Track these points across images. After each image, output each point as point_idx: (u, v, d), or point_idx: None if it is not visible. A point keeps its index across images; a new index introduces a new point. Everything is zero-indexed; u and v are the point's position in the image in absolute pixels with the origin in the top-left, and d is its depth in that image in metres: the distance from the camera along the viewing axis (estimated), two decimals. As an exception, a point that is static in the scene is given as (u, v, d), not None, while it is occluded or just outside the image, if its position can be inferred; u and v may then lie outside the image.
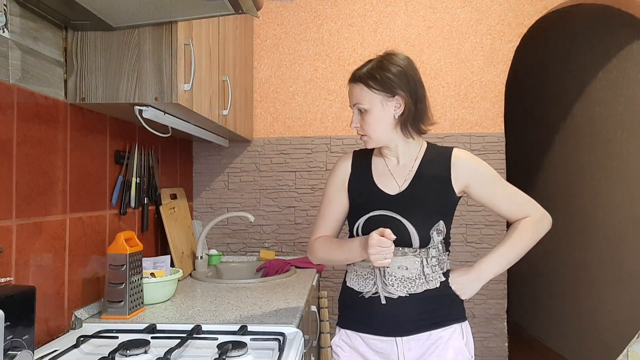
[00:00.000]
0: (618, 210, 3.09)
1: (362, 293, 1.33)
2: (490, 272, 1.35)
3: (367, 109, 1.30)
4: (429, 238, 1.29)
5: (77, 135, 1.42)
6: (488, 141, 2.52)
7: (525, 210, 1.37)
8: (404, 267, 1.29)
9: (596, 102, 3.38)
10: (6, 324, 0.90)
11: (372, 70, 1.31)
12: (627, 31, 2.99)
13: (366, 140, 1.34)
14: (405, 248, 1.29)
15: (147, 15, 1.23)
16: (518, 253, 1.35)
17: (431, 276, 1.30)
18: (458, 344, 1.31)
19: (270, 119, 2.61)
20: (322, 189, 2.56)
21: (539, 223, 1.36)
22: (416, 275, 1.29)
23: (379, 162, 1.40)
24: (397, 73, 1.29)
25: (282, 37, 2.60)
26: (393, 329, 1.29)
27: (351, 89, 1.35)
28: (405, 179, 1.34)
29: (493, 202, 1.37)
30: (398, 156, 1.37)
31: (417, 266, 1.29)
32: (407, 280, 1.28)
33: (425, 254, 1.29)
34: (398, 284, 1.29)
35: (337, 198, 1.42)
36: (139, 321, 1.43)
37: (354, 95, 1.33)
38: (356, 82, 1.33)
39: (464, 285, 1.33)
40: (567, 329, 3.75)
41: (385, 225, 1.28)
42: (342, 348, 1.38)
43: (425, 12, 2.57)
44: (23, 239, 1.17)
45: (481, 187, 1.35)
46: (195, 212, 2.60)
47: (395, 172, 1.36)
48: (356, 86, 1.33)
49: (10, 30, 1.14)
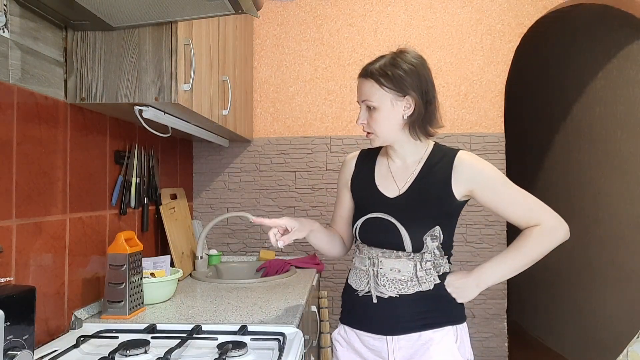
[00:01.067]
0: (618, 210, 3.09)
1: (357, 291, 1.34)
2: (490, 280, 1.30)
3: (376, 107, 1.27)
4: (422, 244, 1.27)
5: (77, 135, 1.42)
6: (488, 141, 2.52)
7: (536, 217, 1.26)
8: (396, 270, 1.28)
9: (596, 102, 3.38)
10: (6, 324, 0.90)
11: (384, 67, 1.26)
12: (627, 31, 2.99)
13: (372, 138, 1.32)
14: (399, 251, 1.28)
15: (147, 15, 1.23)
16: (522, 264, 1.27)
17: (424, 279, 1.28)
18: (449, 346, 1.28)
19: (270, 119, 2.61)
20: (322, 189, 2.57)
21: (551, 233, 1.25)
22: (408, 278, 1.28)
23: (383, 162, 1.39)
24: (410, 72, 1.25)
25: (282, 37, 2.60)
26: (384, 328, 1.30)
27: (361, 84, 1.30)
28: (406, 182, 1.32)
29: (500, 208, 1.29)
30: (403, 157, 1.35)
31: (409, 269, 1.28)
32: (398, 282, 1.28)
33: (419, 258, 1.28)
34: (389, 285, 1.29)
35: (342, 196, 1.45)
36: (139, 321, 1.43)
37: (363, 91, 1.29)
38: (367, 78, 1.28)
39: (460, 289, 1.30)
40: (567, 329, 3.75)
41: (380, 228, 1.30)
42: (339, 342, 1.40)
43: (425, 12, 2.57)
44: (23, 239, 1.17)
45: (486, 191, 1.28)
46: (195, 212, 2.60)
47: (397, 174, 1.35)
48: (367, 82, 1.29)
49: (10, 30, 1.14)
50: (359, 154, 1.45)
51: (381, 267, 1.30)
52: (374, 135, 1.31)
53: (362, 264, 1.35)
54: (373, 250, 1.32)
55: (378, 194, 1.34)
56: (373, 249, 1.32)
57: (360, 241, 1.36)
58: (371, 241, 1.33)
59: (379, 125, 1.29)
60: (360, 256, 1.37)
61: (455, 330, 1.31)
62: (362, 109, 1.31)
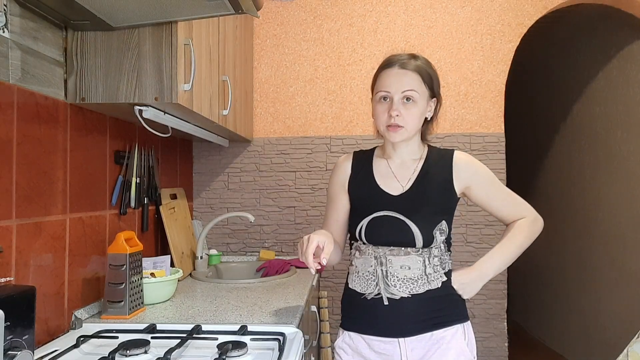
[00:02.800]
0: (618, 210, 3.09)
1: (364, 294, 1.32)
2: (491, 271, 1.36)
3: (415, 101, 1.28)
4: (433, 238, 1.29)
5: (77, 135, 1.42)
6: (488, 141, 2.52)
7: (520, 212, 1.39)
8: (406, 267, 1.28)
9: (596, 102, 3.38)
10: (6, 324, 0.90)
11: (425, 66, 1.31)
12: (627, 31, 2.99)
13: (401, 132, 1.29)
14: (408, 248, 1.29)
15: (147, 15, 1.23)
16: (516, 252, 1.37)
17: (433, 276, 1.29)
18: (460, 344, 1.30)
19: (270, 119, 2.61)
20: (322, 189, 2.56)
21: (533, 224, 1.38)
22: (418, 276, 1.28)
23: (381, 163, 1.39)
24: (436, 77, 1.34)
25: (282, 37, 2.60)
26: (396, 330, 1.29)
27: (402, 76, 1.28)
28: (409, 179, 1.34)
29: (491, 204, 1.39)
30: (403, 157, 1.37)
31: (419, 266, 1.29)
32: (409, 281, 1.28)
33: (427, 253, 1.29)
34: (400, 285, 1.28)
35: (338, 200, 1.42)
36: (139, 321, 1.43)
37: (405, 82, 1.28)
38: (412, 71, 1.29)
39: (465, 284, 1.33)
40: (567, 329, 3.75)
41: (388, 226, 1.29)
42: (344, 350, 1.37)
43: (425, 12, 2.57)
44: (23, 239, 1.17)
45: (481, 189, 1.36)
46: (195, 212, 2.60)
47: (398, 173, 1.36)
48: (412, 74, 1.28)
49: (10, 30, 1.14)
50: (354, 156, 1.43)
51: (390, 265, 1.29)
52: (403, 130, 1.29)
53: (367, 265, 1.32)
54: (380, 249, 1.31)
55: (381, 192, 1.34)
56: (379, 248, 1.31)
57: (364, 242, 1.34)
58: (378, 240, 1.31)
59: (413, 119, 1.29)
60: (362, 258, 1.34)
61: (463, 328, 1.33)
62: (396, 100, 1.28)
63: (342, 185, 1.41)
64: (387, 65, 1.31)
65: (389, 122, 1.28)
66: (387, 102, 1.30)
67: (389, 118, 1.28)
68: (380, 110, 1.31)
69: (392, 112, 1.27)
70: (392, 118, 1.27)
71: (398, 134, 1.29)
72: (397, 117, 1.27)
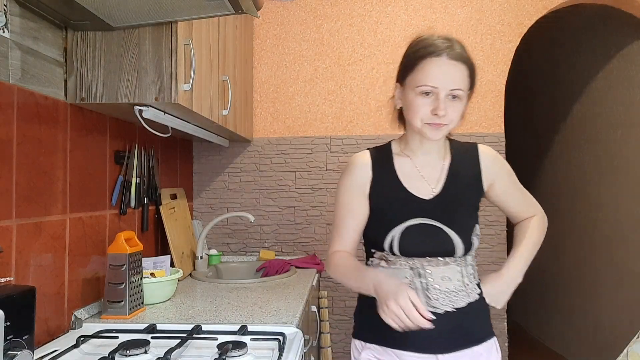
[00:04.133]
0: (618, 210, 3.09)
1: None
2: (519, 276, 1.27)
3: (461, 98, 1.14)
4: (471, 244, 1.19)
5: (77, 135, 1.42)
6: (488, 141, 2.52)
7: (531, 209, 1.33)
8: (447, 278, 1.16)
9: (596, 102, 3.38)
10: (6, 324, 0.89)
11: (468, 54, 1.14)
12: (627, 31, 2.99)
13: (443, 130, 1.15)
14: (446, 257, 1.17)
15: (147, 15, 1.23)
16: (534, 253, 1.30)
17: (470, 287, 1.20)
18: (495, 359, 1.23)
19: (270, 119, 2.61)
20: (322, 189, 2.56)
21: (544, 222, 1.34)
22: (458, 288, 1.17)
23: (404, 161, 1.24)
24: None
25: (282, 37, 2.60)
26: (435, 346, 1.16)
27: (451, 68, 1.11)
28: (438, 180, 1.22)
29: (508, 202, 1.30)
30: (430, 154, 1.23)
31: (458, 276, 1.18)
32: (452, 294, 1.17)
33: (463, 262, 1.19)
34: (443, 298, 1.16)
35: (357, 207, 1.23)
36: (139, 321, 1.43)
37: (457, 78, 1.12)
38: (462, 63, 1.12)
39: (496, 295, 1.25)
40: (567, 329, 3.75)
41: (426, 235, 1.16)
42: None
43: (425, 12, 2.57)
44: (23, 239, 1.17)
45: (503, 185, 1.27)
46: (195, 212, 2.60)
47: (425, 172, 1.23)
48: (461, 67, 1.12)
49: (10, 30, 1.14)
50: (372, 157, 1.25)
51: (431, 277, 1.16)
52: (446, 127, 1.15)
53: (400, 276, 1.17)
54: (415, 260, 1.17)
55: (411, 197, 1.20)
56: (415, 259, 1.17)
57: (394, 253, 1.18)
58: (415, 251, 1.17)
59: (457, 116, 1.15)
60: (392, 269, 1.19)
61: (494, 342, 1.25)
62: (442, 96, 1.11)
63: (361, 190, 1.23)
64: (432, 53, 1.12)
65: (431, 120, 1.13)
66: (430, 97, 1.12)
67: (434, 116, 1.12)
68: (420, 104, 1.13)
69: (439, 112, 1.11)
70: (437, 117, 1.12)
71: (441, 132, 1.15)
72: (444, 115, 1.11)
